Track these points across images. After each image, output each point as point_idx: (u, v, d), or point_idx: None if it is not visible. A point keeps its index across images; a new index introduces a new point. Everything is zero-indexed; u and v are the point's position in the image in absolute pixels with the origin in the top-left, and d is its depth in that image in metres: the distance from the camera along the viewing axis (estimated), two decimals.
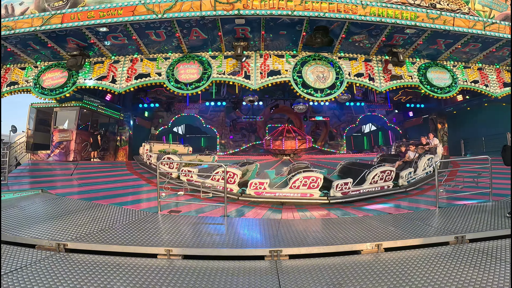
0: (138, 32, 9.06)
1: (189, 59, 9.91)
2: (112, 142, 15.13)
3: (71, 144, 12.74)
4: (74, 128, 12.89)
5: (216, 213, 6.23)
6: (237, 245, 4.05)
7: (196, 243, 4.05)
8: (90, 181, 9.33)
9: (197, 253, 3.81)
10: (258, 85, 9.72)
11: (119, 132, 15.43)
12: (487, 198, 6.38)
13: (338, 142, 20.37)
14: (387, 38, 9.51)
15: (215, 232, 4.77)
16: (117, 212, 5.83)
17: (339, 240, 4.19)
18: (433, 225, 4.84)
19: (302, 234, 4.61)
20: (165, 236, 4.32)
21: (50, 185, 8.29)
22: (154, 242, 4.03)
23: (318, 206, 7.42)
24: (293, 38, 9.59)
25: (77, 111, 12.99)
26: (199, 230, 4.76)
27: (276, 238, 4.41)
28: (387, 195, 8.02)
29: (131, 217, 5.47)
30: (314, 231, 4.81)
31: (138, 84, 9.78)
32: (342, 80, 9.95)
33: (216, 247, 3.94)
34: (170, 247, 3.80)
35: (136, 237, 4.28)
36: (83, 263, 3.45)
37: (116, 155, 15.23)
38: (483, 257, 3.54)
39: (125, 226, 4.84)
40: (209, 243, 4.10)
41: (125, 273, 3.22)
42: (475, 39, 9.52)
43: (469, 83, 10.71)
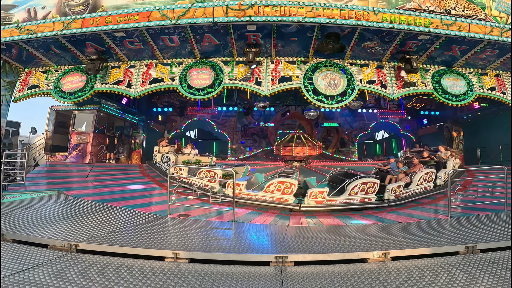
0: (153, 38, 9.24)
1: (201, 65, 10.02)
2: (126, 145, 15.40)
3: (87, 147, 13.02)
4: (91, 131, 13.19)
5: (224, 218, 6.23)
6: (243, 250, 4.04)
7: (203, 247, 4.06)
8: (104, 183, 9.51)
9: (204, 257, 3.82)
10: (269, 91, 9.71)
11: (134, 136, 15.70)
12: (502, 208, 6.19)
13: (349, 149, 20.05)
14: (400, 45, 9.35)
15: (222, 237, 4.77)
16: (128, 215, 5.94)
17: (345, 248, 4.14)
18: (443, 235, 4.72)
19: (308, 241, 4.57)
20: (173, 240, 4.35)
21: (66, 187, 8.47)
22: (162, 245, 4.05)
23: (326, 213, 7.37)
24: (304, 44, 9.56)
25: (95, 114, 13.29)
26: (206, 234, 4.76)
27: (282, 244, 4.38)
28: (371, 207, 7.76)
29: (141, 220, 5.53)
30: (320, 238, 4.70)
31: (152, 89, 9.95)
32: (354, 87, 9.82)
33: (223, 251, 3.94)
34: (177, 251, 3.83)
35: (145, 239, 4.31)
36: (93, 263, 3.53)
37: (130, 158, 15.47)
38: (493, 267, 3.44)
39: (135, 229, 4.92)
40: (215, 247, 4.10)
41: (132, 274, 3.28)
42: (492, 45, 9.23)
43: (485, 91, 10.36)
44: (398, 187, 7.94)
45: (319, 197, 7.57)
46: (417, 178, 8.31)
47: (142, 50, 9.92)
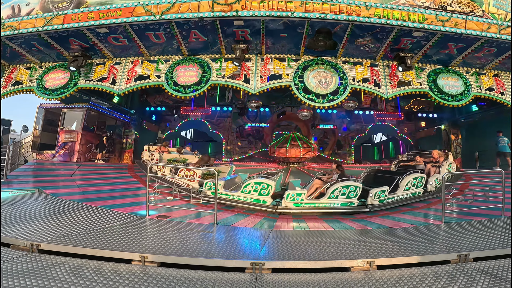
0: (138, 34, 8.86)
1: (188, 62, 9.61)
2: (117, 144, 15.01)
3: (75, 145, 12.67)
4: (80, 130, 12.83)
5: (205, 220, 5.84)
6: (217, 255, 3.77)
7: (175, 251, 3.79)
8: (88, 182, 9.17)
9: (174, 261, 3.59)
10: (258, 89, 9.28)
11: (125, 135, 15.31)
12: (499, 214, 5.83)
13: (346, 152, 19.56)
14: (394, 42, 8.89)
15: (199, 240, 4.38)
16: (103, 215, 5.61)
17: (328, 255, 3.83)
18: (435, 242, 4.33)
19: (290, 246, 4.29)
20: (144, 242, 4.09)
21: (48, 185, 8.14)
22: (130, 247, 3.83)
23: (316, 217, 6.98)
24: (294, 41, 9.12)
25: (84, 113, 12.95)
26: (182, 237, 4.45)
27: (261, 250, 4.14)
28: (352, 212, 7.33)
29: (116, 220, 5.22)
30: (303, 244, 4.38)
31: (137, 86, 9.53)
32: (346, 86, 9.37)
33: (196, 255, 3.68)
34: (145, 253, 3.60)
35: (114, 241, 4.06)
36: (54, 264, 3.38)
37: (121, 157, 15.08)
38: (486, 277, 3.15)
39: (106, 229, 4.64)
40: (189, 251, 3.81)
41: (94, 276, 3.13)
42: (489, 43, 8.75)
43: (483, 91, 9.87)
44: (382, 191, 7.42)
45: (296, 199, 7.14)
46: (404, 183, 7.73)
47: (128, 47, 9.55)
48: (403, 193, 7.56)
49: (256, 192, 7.22)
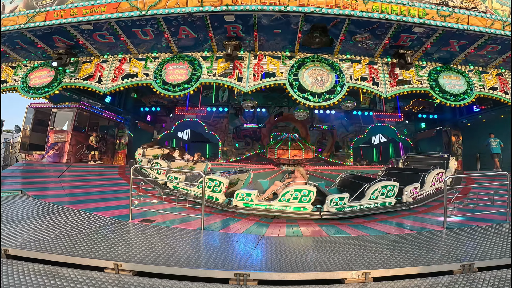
0: (124, 31, 8.44)
1: (178, 59, 9.16)
2: (110, 145, 14.54)
3: (65, 146, 12.21)
4: (70, 130, 12.38)
5: (192, 225, 5.37)
6: (199, 263, 3.43)
7: (153, 259, 3.46)
8: (75, 184, 8.75)
9: (151, 270, 3.28)
10: (250, 88, 8.81)
11: (119, 135, 14.85)
12: (504, 219, 5.44)
13: (344, 153, 19.03)
14: (393, 39, 8.42)
15: (183, 247, 3.98)
16: (83, 218, 5.21)
17: (320, 266, 3.50)
18: (436, 250, 3.94)
19: (280, 255, 3.93)
20: (121, 248, 3.76)
21: (33, 187, 7.73)
22: (103, 254, 3.53)
23: (311, 221, 6.44)
24: (289, 37, 8.67)
25: (74, 113, 12.50)
26: (165, 244, 4.08)
27: (249, 258, 3.74)
28: (389, 212, 6.87)
29: (95, 225, 4.83)
30: (294, 252, 4.01)
31: (124, 84, 9.11)
32: (343, 84, 8.89)
33: (175, 264, 3.34)
34: (119, 261, 3.31)
35: (87, 247, 3.77)
36: (19, 271, 3.16)
37: (114, 158, 14.62)
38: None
39: (82, 234, 4.29)
40: (170, 259, 3.47)
41: (61, 283, 2.91)
42: (493, 40, 8.28)
43: (486, 90, 9.37)
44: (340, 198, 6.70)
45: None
46: (371, 191, 6.83)
47: (116, 45, 9.14)
48: (368, 202, 6.83)
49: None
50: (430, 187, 7.79)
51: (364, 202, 6.70)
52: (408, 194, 7.09)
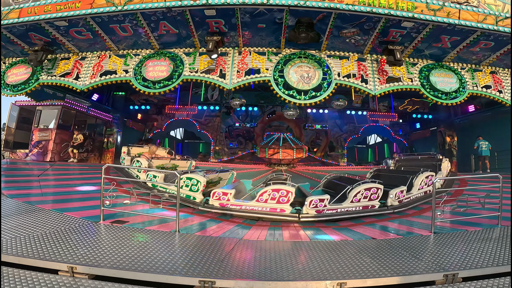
0: (101, 27, 8.09)
1: (160, 56, 8.78)
2: (97, 143, 14.15)
3: (49, 144, 11.85)
4: (55, 128, 12.01)
5: (170, 227, 5.09)
6: (163, 269, 3.18)
7: (112, 262, 3.26)
8: (55, 183, 8.45)
9: (109, 274, 3.10)
10: (233, 85, 8.42)
11: (107, 134, 14.46)
12: (495, 223, 5.20)
13: (338, 153, 18.63)
14: (382, 34, 8.01)
15: (150, 250, 3.73)
16: (51, 219, 5.00)
17: (293, 274, 3.26)
18: (420, 257, 3.68)
19: (253, 260, 3.75)
20: (81, 250, 3.57)
21: (11, 186, 7.41)
22: (58, 256, 3.35)
23: (296, 224, 6.13)
24: (274, 33, 8.25)
25: (59, 110, 12.13)
26: (131, 246, 3.85)
27: (219, 264, 3.46)
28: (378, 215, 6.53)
29: (62, 226, 4.57)
30: (270, 259, 3.76)
31: (103, 81, 8.78)
32: (330, 81, 8.49)
33: (135, 270, 3.13)
34: (74, 264, 3.16)
35: (44, 248, 3.57)
36: None
37: (101, 157, 14.23)
38: None
39: (44, 235, 4.06)
40: (132, 263, 3.27)
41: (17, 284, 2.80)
42: (486, 36, 7.87)
43: (479, 88, 8.96)
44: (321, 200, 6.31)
45: (319, 206, 6.26)
46: (353, 194, 6.49)
47: (95, 41, 8.79)
48: (350, 205, 6.43)
49: (275, 200, 6.33)
50: (418, 190, 7.41)
51: (345, 205, 6.33)
52: (393, 197, 6.71)
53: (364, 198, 6.38)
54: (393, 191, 6.72)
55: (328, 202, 6.19)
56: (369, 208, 6.45)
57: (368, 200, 6.42)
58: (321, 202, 6.12)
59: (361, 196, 6.31)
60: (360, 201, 6.35)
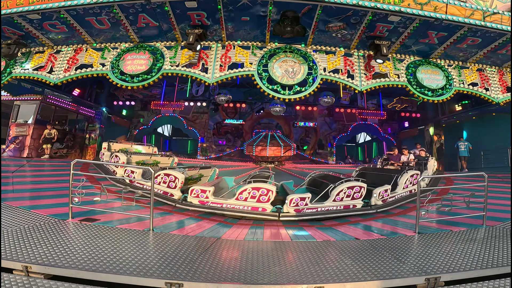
0: (76, 20, 7.72)
1: (139, 49, 8.40)
2: (79, 139, 13.62)
3: (27, 140, 11.32)
4: (33, 123, 11.49)
5: (145, 225, 4.77)
6: (126, 270, 2.94)
7: (73, 262, 3.03)
8: (29, 180, 8.02)
9: (67, 274, 2.88)
10: (216, 79, 8.08)
11: (89, 130, 13.94)
12: (480, 223, 5.08)
13: (327, 151, 18.46)
14: (369, 28, 7.77)
15: (118, 250, 3.47)
16: (16, 216, 4.72)
17: (268, 277, 3.04)
18: (403, 259, 3.50)
19: (229, 261, 3.55)
20: (40, 249, 3.33)
21: None
22: (12, 255, 3.14)
23: (278, 223, 5.88)
24: (258, 26, 7.95)
25: (37, 105, 11.60)
26: (99, 245, 3.58)
27: (190, 265, 3.22)
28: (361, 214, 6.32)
29: (26, 223, 4.30)
30: (246, 259, 3.56)
31: (78, 75, 8.38)
32: (316, 76, 8.22)
33: (96, 270, 2.91)
34: (30, 264, 2.96)
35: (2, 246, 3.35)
36: None
37: (83, 153, 13.71)
38: None
39: (3, 234, 3.78)
40: (94, 263, 3.04)
41: None
42: (473, 32, 7.70)
43: (466, 86, 8.82)
44: (302, 199, 6.07)
45: (300, 205, 6.05)
46: (335, 193, 6.25)
47: (71, 34, 8.39)
48: (332, 204, 6.21)
49: (255, 198, 6.11)
50: (402, 189, 7.21)
51: (327, 204, 6.09)
52: (377, 196, 6.47)
53: (347, 197, 6.15)
54: (377, 190, 6.49)
55: (309, 201, 5.92)
56: (351, 208, 6.21)
57: (351, 199, 6.19)
58: (302, 200, 5.86)
59: (343, 194, 6.07)
60: (342, 200, 6.11)
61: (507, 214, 5.60)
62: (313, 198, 6.16)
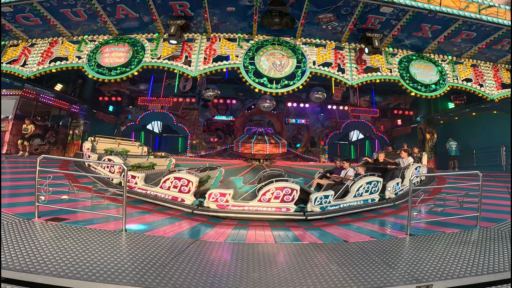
0: (50, 11, 7.31)
1: (118, 42, 7.98)
2: (62, 135, 13.05)
3: (5, 136, 10.76)
4: (12, 119, 10.92)
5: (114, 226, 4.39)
6: (83, 274, 2.64)
7: (25, 265, 2.74)
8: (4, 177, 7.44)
9: (18, 277, 2.62)
10: (199, 72, 7.67)
11: (72, 126, 13.37)
12: (474, 224, 4.81)
13: (319, 149, 18.11)
14: (360, 20, 7.40)
15: (80, 252, 3.15)
16: None
17: (244, 284, 2.76)
18: (393, 264, 3.21)
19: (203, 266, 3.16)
20: None
21: None
22: None
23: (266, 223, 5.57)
24: (245, 17, 7.55)
25: (17, 100, 11.03)
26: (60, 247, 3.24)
27: (159, 270, 2.88)
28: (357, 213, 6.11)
29: None
30: (221, 263, 3.31)
31: (51, 68, 7.97)
32: (305, 70, 7.84)
33: (50, 274, 2.63)
34: None
35: None
36: None
37: (66, 150, 13.15)
38: None
39: None
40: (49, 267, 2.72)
41: None
42: (468, 26, 7.39)
43: (460, 81, 8.51)
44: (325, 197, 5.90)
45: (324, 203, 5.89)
46: (355, 188, 6.16)
47: (47, 27, 7.95)
48: (352, 200, 6.10)
49: (278, 198, 5.85)
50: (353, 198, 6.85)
51: (348, 200, 6.01)
52: (391, 190, 6.49)
53: (366, 192, 6.02)
54: (390, 183, 6.53)
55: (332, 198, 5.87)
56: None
57: (369, 194, 6.08)
58: (325, 198, 5.82)
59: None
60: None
61: (502, 215, 5.35)
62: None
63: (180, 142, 19.45)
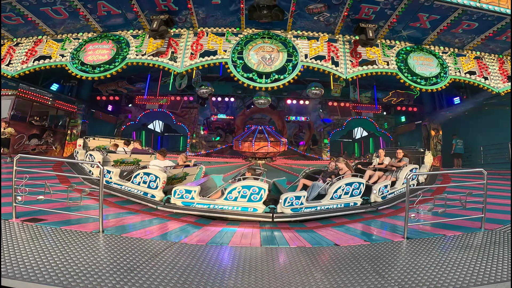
0: (31, 10, 7.15)
1: (102, 39, 7.76)
2: (59, 135, 12.95)
3: None
4: (8, 119, 10.82)
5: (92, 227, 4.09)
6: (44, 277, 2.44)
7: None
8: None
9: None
10: (185, 68, 7.36)
11: (70, 126, 13.25)
12: (478, 226, 4.36)
13: (321, 147, 17.60)
14: (353, 10, 6.93)
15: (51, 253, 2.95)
16: None
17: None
18: (384, 273, 2.81)
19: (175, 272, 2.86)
20: None
21: None
22: None
23: (257, 224, 5.25)
24: (232, 10, 7.17)
25: (12, 100, 10.93)
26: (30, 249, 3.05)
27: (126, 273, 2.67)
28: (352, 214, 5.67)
29: None
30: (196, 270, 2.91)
31: (35, 66, 7.81)
32: (296, 63, 7.41)
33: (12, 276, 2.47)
34: None
35: None
36: None
37: (64, 150, 13.05)
38: None
39: None
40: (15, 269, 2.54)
41: None
42: (468, 15, 6.83)
43: (462, 74, 7.93)
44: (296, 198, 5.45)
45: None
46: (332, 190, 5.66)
47: (32, 26, 7.79)
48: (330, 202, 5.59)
49: (245, 197, 5.57)
50: (402, 184, 6.48)
51: (325, 202, 5.50)
52: (377, 193, 5.85)
53: (345, 195, 5.60)
54: (377, 186, 5.93)
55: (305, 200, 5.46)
56: (351, 206, 5.62)
57: (349, 197, 5.64)
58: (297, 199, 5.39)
59: (237, 194, 5.41)
60: (341, 198, 5.58)
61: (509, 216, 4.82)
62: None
63: (181, 141, 19.26)
